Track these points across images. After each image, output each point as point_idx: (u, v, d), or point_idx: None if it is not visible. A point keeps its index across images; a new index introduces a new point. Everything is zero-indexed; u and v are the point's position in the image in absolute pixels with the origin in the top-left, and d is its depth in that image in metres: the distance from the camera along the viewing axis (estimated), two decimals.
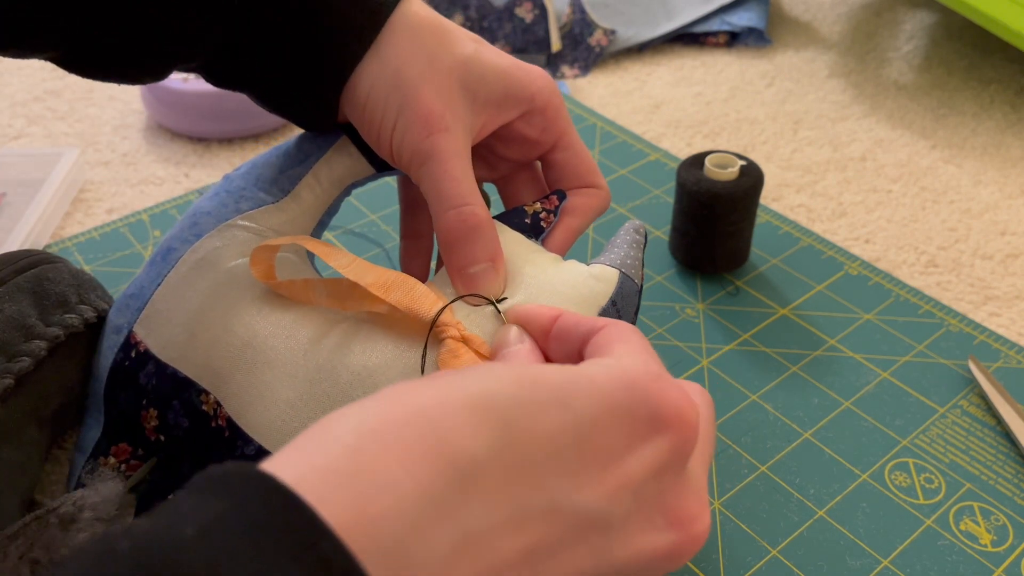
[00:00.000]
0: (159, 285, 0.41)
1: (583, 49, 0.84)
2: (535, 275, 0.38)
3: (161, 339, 0.40)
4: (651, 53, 0.86)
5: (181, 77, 0.73)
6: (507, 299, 0.37)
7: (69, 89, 0.80)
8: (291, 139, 0.45)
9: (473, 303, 0.37)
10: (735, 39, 0.87)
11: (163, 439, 0.41)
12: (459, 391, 0.22)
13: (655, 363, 0.28)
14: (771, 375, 0.51)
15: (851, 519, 0.44)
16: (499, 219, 0.41)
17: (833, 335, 0.54)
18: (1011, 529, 0.43)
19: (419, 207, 0.47)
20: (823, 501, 0.44)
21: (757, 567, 0.41)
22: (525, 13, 0.83)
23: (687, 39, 0.88)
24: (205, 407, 0.39)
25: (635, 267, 0.40)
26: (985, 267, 0.60)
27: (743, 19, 0.86)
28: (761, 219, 0.63)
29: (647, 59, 0.85)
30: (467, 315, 0.37)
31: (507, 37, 0.83)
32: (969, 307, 0.57)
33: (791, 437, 0.48)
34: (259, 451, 0.37)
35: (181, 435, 0.40)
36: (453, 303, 0.37)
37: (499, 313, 0.37)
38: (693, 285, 0.57)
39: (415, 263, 0.48)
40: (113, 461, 0.42)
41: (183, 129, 0.73)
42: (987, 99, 0.77)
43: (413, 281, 0.36)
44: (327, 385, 0.36)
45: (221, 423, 0.38)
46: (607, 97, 0.80)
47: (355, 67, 0.39)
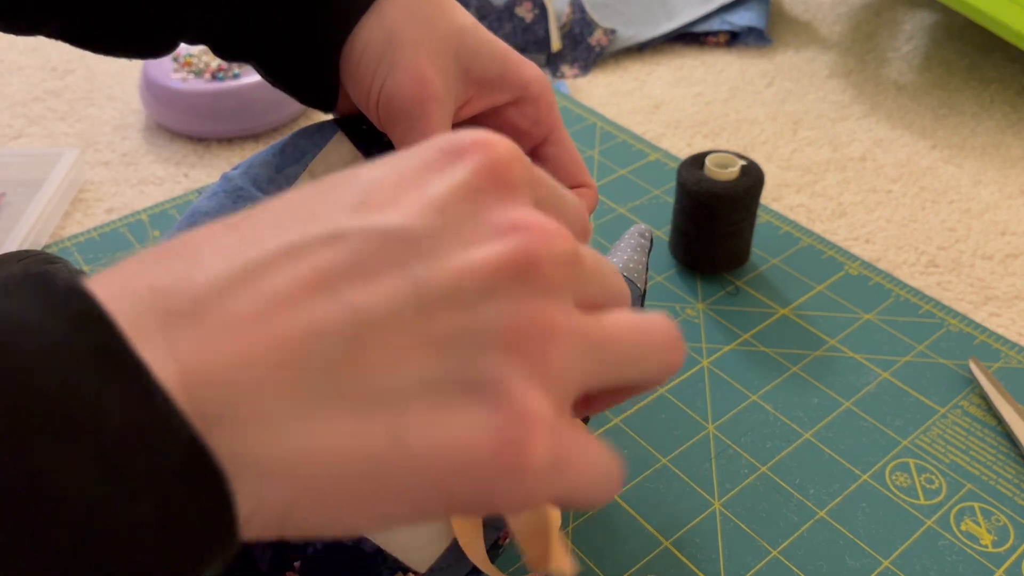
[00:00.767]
0: None
1: (583, 49, 0.84)
2: None
3: None
4: (651, 53, 0.86)
5: (181, 77, 0.73)
6: None
7: (69, 89, 0.80)
8: (286, 137, 0.45)
9: None
10: (735, 39, 0.87)
11: None
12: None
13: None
14: (771, 375, 0.51)
15: (851, 519, 0.43)
16: None
17: (833, 335, 0.54)
18: (1012, 529, 0.43)
19: None
20: (823, 501, 0.44)
21: (757, 567, 0.41)
22: (525, 13, 0.83)
23: (687, 39, 0.88)
24: None
25: (638, 271, 0.40)
26: (985, 267, 0.60)
27: (743, 19, 0.86)
28: (761, 219, 0.63)
29: (647, 59, 0.85)
30: None
31: (507, 37, 0.83)
32: (969, 307, 0.57)
33: (791, 437, 0.48)
34: None
35: None
36: None
37: None
38: (693, 285, 0.57)
39: None
40: None
41: (182, 129, 0.73)
42: (987, 99, 0.77)
43: None
44: None
45: None
46: (607, 97, 0.80)
47: (355, 26, 0.39)
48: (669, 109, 0.78)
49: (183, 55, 0.74)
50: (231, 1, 0.38)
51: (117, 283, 0.18)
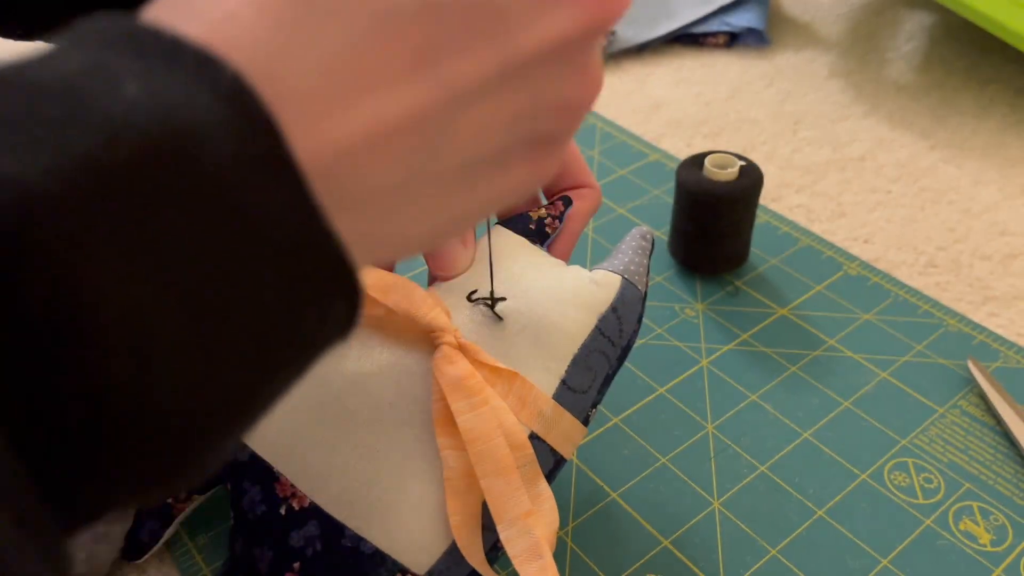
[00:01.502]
0: None
1: None
2: (535, 278, 0.38)
3: None
4: (651, 53, 0.86)
5: None
6: (504, 299, 0.37)
7: None
8: None
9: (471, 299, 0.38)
10: (735, 39, 0.88)
11: None
12: None
13: None
14: (771, 375, 0.51)
15: (851, 519, 0.44)
16: (504, 224, 0.41)
17: (832, 335, 0.54)
18: (1010, 529, 0.43)
19: None
20: (823, 501, 0.44)
21: (757, 567, 0.42)
22: None
23: (687, 39, 0.88)
24: None
25: (639, 273, 0.40)
26: (984, 267, 0.60)
27: (743, 19, 0.86)
28: (761, 219, 0.63)
29: (647, 59, 0.85)
30: (464, 322, 0.37)
31: None
32: (968, 307, 0.57)
33: (791, 437, 0.48)
34: (253, 457, 0.37)
35: None
36: (449, 303, 0.37)
37: (494, 313, 0.37)
38: (693, 285, 0.58)
39: None
40: None
41: None
42: (987, 99, 0.78)
43: (412, 285, 0.36)
44: (321, 392, 0.36)
45: None
46: (607, 97, 0.80)
47: None
48: (669, 109, 0.78)
49: None
50: None
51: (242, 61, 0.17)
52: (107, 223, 0.15)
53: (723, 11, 0.87)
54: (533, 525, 0.34)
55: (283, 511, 0.35)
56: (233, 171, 0.16)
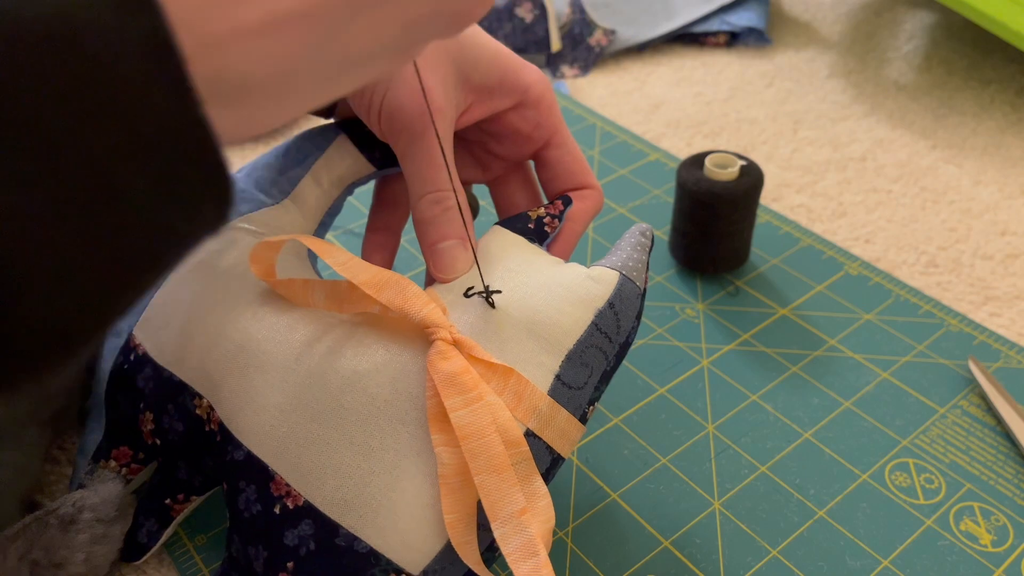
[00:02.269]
0: (158, 288, 0.41)
1: (583, 49, 0.84)
2: (531, 274, 0.38)
3: (158, 342, 0.40)
4: (651, 53, 0.86)
5: None
6: (501, 292, 0.37)
7: None
8: (289, 139, 0.45)
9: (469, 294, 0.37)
10: (735, 39, 0.87)
11: (159, 443, 0.41)
12: None
13: None
14: (771, 375, 0.51)
15: (851, 519, 0.44)
16: (503, 224, 0.41)
17: (833, 335, 0.54)
18: (1011, 529, 0.43)
19: (395, 204, 0.47)
20: (823, 501, 0.44)
21: (757, 567, 0.41)
22: (525, 13, 0.83)
23: (687, 39, 0.88)
24: (199, 411, 0.39)
25: (638, 270, 0.40)
26: (985, 267, 0.60)
27: (743, 19, 0.86)
28: (761, 219, 0.63)
29: (647, 59, 0.85)
30: (459, 317, 0.37)
31: (507, 37, 0.83)
32: (969, 307, 0.57)
33: (791, 437, 0.48)
34: (248, 456, 0.37)
35: (176, 439, 0.40)
36: (444, 300, 0.37)
37: (488, 303, 0.37)
38: (693, 285, 0.57)
39: (377, 256, 0.48)
40: (114, 464, 0.42)
41: None
42: (987, 99, 0.77)
43: (407, 281, 0.36)
44: (316, 390, 0.36)
45: (213, 427, 0.38)
46: (607, 97, 0.80)
47: None
48: (669, 109, 0.78)
49: None
50: None
51: None
52: None
53: (723, 10, 0.87)
54: (528, 523, 0.34)
55: (277, 510, 0.35)
56: (112, 52, 0.16)
